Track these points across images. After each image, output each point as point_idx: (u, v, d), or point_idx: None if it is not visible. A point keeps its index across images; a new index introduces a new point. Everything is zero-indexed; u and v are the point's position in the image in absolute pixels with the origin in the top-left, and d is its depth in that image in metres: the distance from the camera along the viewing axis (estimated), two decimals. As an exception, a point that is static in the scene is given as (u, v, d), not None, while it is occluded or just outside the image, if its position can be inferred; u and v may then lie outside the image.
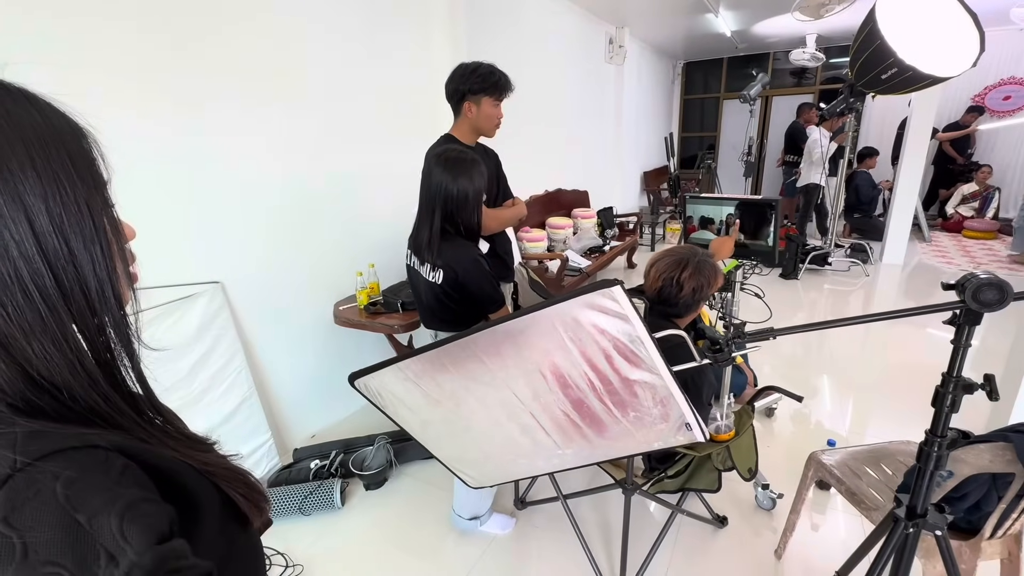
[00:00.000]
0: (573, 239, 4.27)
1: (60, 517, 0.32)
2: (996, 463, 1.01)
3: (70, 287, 0.37)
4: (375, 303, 2.29)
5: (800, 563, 1.62)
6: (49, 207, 0.35)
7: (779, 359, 3.03)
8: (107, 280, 0.39)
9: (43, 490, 0.32)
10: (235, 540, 0.47)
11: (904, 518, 0.94)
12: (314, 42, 2.24)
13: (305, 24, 2.18)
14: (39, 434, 0.35)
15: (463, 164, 1.45)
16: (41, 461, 0.33)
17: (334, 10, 2.31)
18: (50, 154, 0.36)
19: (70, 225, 0.37)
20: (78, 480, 0.33)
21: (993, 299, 0.76)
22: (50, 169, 0.36)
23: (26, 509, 0.32)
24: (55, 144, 0.37)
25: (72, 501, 0.32)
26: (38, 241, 0.35)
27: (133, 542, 0.33)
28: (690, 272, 1.36)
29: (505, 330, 1.06)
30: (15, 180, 0.34)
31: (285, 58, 2.11)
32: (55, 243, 0.36)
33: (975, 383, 0.84)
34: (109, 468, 0.35)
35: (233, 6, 1.88)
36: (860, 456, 1.47)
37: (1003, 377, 2.04)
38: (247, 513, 0.48)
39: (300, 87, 2.19)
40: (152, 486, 0.37)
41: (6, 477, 0.32)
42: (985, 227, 5.78)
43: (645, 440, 1.22)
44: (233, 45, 1.90)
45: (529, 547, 1.77)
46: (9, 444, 0.34)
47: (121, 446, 0.38)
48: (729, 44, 7.08)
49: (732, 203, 1.93)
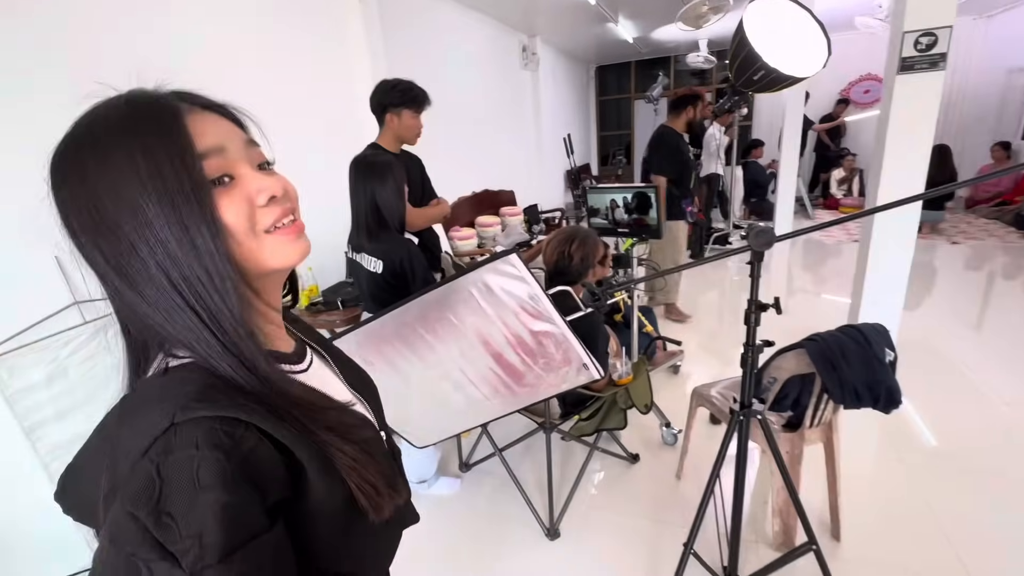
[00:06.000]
0: (502, 235, 4.56)
1: (187, 488, 0.36)
2: (800, 365, 1.38)
3: (178, 256, 0.40)
4: (315, 303, 2.44)
5: (695, 479, 1.97)
6: (160, 206, 0.39)
7: (703, 335, 3.45)
8: (207, 242, 0.40)
9: (183, 452, 0.36)
10: (350, 531, 0.46)
11: (737, 410, 1.28)
12: (240, 65, 2.37)
13: (230, 47, 2.31)
14: (203, 394, 0.39)
15: (378, 165, 1.68)
16: (193, 424, 0.37)
17: (256, 32, 2.45)
18: (144, 147, 0.39)
19: (164, 207, 0.39)
20: (207, 456, 0.36)
21: (765, 241, 1.10)
22: (143, 161, 0.39)
23: (174, 459, 0.36)
24: (144, 139, 0.39)
25: (199, 472, 0.36)
26: (164, 246, 0.40)
27: (214, 544, 0.35)
28: (577, 244, 1.68)
29: (432, 299, 1.31)
30: (132, 190, 0.39)
31: (209, 77, 2.22)
32: (173, 235, 0.40)
33: (767, 303, 1.18)
34: (233, 446, 0.38)
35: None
36: (729, 385, 1.84)
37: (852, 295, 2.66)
38: (363, 506, 0.45)
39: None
40: (273, 473, 0.40)
41: (165, 429, 0.37)
42: (855, 203, 6.72)
43: (554, 383, 1.50)
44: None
45: (475, 503, 2.02)
46: (181, 399, 0.38)
47: (258, 418, 0.40)
48: (633, 49, 7.70)
49: (622, 192, 2.27)
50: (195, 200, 0.40)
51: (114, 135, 0.40)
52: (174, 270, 0.40)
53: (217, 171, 0.43)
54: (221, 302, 0.41)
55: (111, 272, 0.41)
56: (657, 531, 1.78)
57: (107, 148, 0.39)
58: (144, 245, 0.39)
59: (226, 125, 0.47)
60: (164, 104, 0.42)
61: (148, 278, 0.40)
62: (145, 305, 0.41)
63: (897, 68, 2.32)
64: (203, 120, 0.44)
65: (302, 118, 2.74)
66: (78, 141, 0.41)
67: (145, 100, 0.42)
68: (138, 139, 0.39)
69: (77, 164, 0.40)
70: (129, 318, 0.44)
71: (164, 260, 0.40)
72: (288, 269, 0.50)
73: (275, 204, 0.46)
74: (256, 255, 0.45)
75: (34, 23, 1.64)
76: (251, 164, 0.47)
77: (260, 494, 0.38)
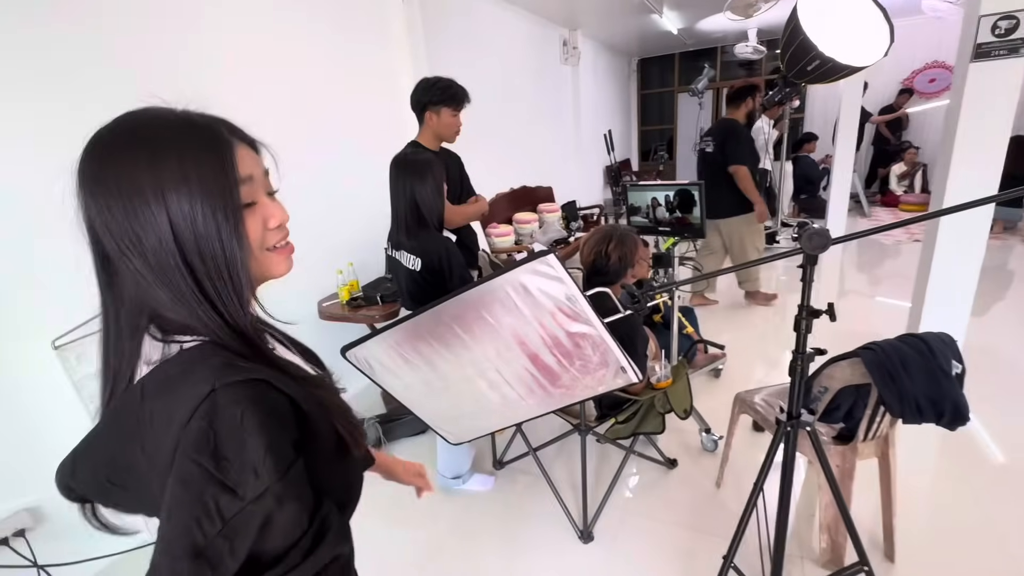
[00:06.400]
0: (539, 232, 4.53)
1: (239, 434, 0.45)
2: (855, 375, 1.30)
3: (210, 258, 0.49)
4: (356, 298, 2.50)
5: (735, 488, 1.91)
6: (195, 205, 0.47)
7: (745, 337, 3.33)
8: (235, 252, 0.50)
9: (229, 409, 0.45)
10: (340, 463, 0.58)
11: (784, 420, 1.21)
12: (288, 65, 2.44)
13: (279, 46, 2.39)
14: (228, 365, 0.48)
15: (418, 163, 1.69)
16: (230, 387, 0.46)
17: (305, 30, 2.52)
18: (196, 163, 0.47)
19: (205, 217, 0.48)
20: (250, 412, 0.46)
21: (819, 244, 1.03)
22: (196, 176, 0.47)
23: (221, 415, 0.45)
24: (192, 154, 0.48)
25: (247, 424, 0.45)
26: (193, 227, 0.48)
27: (270, 470, 0.45)
28: (615, 244, 1.64)
29: (468, 298, 1.30)
30: (166, 181, 0.46)
31: (258, 77, 2.31)
32: (213, 227, 0.48)
33: (820, 309, 1.11)
34: (263, 400, 0.47)
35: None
36: (775, 392, 1.76)
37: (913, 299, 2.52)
38: (348, 443, 0.57)
39: (269, 104, 2.39)
40: (290, 417, 0.49)
41: (209, 391, 0.46)
42: (917, 200, 6.29)
43: (591, 385, 1.46)
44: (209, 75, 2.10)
45: (508, 500, 2.02)
46: (214, 370, 0.47)
47: (272, 379, 0.49)
48: (678, 40, 7.47)
49: (665, 189, 2.21)
50: (234, 218, 0.49)
51: (174, 140, 0.48)
52: (206, 271, 0.49)
53: (248, 197, 0.52)
54: (238, 298, 0.51)
55: (143, 263, 0.48)
56: (695, 540, 1.72)
57: (167, 147, 0.47)
58: (180, 245, 0.48)
59: (253, 156, 0.55)
60: (219, 134, 0.51)
61: (180, 276, 0.48)
62: (168, 293, 0.49)
63: (971, 55, 2.15)
64: (242, 153, 0.53)
65: (345, 117, 2.80)
66: (135, 136, 0.47)
67: (203, 121, 0.50)
68: (192, 150, 0.48)
69: (129, 157, 0.47)
70: (138, 306, 0.51)
71: (199, 263, 0.49)
72: (279, 278, 0.60)
73: (279, 228, 0.57)
74: (262, 266, 0.56)
75: (87, 26, 1.74)
76: (265, 191, 0.56)
77: (287, 433, 0.48)
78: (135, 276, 0.49)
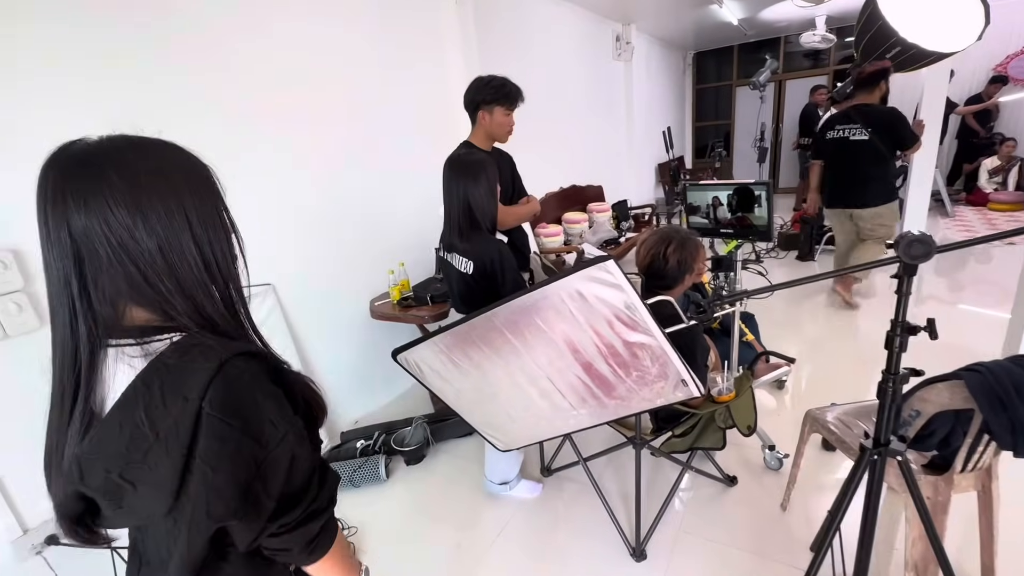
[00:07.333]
0: (589, 232, 4.43)
1: (252, 394, 0.56)
2: (955, 400, 1.15)
3: (213, 262, 0.60)
4: (407, 298, 2.52)
5: (803, 512, 1.76)
6: (200, 215, 0.59)
7: (812, 346, 3.13)
8: (230, 258, 0.64)
9: (240, 376, 0.56)
10: (312, 422, 0.69)
11: (870, 447, 1.09)
12: (344, 66, 2.48)
13: (331, 49, 2.43)
14: (226, 343, 0.58)
15: (472, 165, 1.65)
16: (236, 358, 0.56)
17: (360, 33, 2.56)
18: (196, 181, 0.60)
19: (212, 227, 0.60)
20: (255, 376, 0.57)
21: (920, 252, 0.91)
22: (198, 190, 0.59)
23: (236, 382, 0.55)
24: (195, 174, 0.60)
25: (255, 386, 0.57)
26: (194, 237, 0.58)
27: (286, 417, 0.59)
28: (674, 247, 1.54)
29: (521, 304, 1.26)
30: (182, 198, 0.57)
31: (314, 77, 2.35)
32: (207, 236, 0.59)
33: (918, 326, 0.99)
34: (263, 367, 0.59)
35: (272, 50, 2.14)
36: (851, 411, 1.61)
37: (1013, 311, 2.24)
38: (316, 408, 0.69)
39: (326, 104, 2.44)
40: (281, 381, 0.61)
41: (219, 365, 0.54)
42: (1011, 199, 5.69)
43: (648, 398, 1.39)
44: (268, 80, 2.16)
45: (555, 508, 1.96)
46: (215, 348, 0.56)
47: (261, 354, 0.60)
48: (738, 32, 7.12)
49: (727, 188, 2.07)
50: (232, 234, 0.65)
51: (182, 168, 0.60)
52: (214, 276, 0.61)
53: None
54: (237, 294, 0.65)
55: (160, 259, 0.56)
56: (757, 565, 1.61)
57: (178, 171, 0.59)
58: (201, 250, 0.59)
59: None
60: (206, 167, 0.63)
61: (194, 272, 0.59)
62: (178, 286, 0.57)
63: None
64: None
65: (399, 118, 2.82)
66: (152, 156, 0.57)
67: (193, 157, 0.62)
68: (194, 183, 0.60)
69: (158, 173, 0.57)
70: (141, 302, 0.57)
71: (214, 270, 0.61)
72: None
73: None
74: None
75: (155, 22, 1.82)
76: None
77: (282, 391, 0.60)
78: (133, 279, 0.55)
